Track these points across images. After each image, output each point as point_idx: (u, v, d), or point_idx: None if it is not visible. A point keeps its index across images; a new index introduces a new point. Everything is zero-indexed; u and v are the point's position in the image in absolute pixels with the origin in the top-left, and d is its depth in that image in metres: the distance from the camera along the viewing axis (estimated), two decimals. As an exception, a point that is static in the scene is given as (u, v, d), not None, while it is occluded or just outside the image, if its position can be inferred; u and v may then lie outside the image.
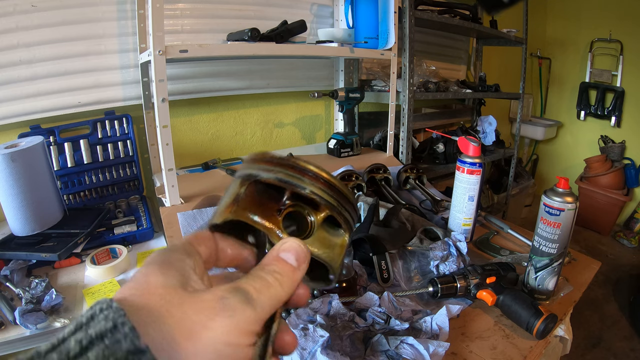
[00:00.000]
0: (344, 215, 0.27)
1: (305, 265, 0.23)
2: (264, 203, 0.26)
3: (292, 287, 0.22)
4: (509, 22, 1.96)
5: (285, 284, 0.21)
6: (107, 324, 0.14)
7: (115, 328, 0.14)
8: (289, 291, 0.22)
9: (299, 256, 0.23)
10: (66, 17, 0.94)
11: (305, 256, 0.23)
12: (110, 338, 0.14)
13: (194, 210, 0.85)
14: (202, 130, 1.25)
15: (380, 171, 1.11)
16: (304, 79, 1.38)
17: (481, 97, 1.77)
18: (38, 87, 0.94)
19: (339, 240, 0.27)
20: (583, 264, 0.83)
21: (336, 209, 0.26)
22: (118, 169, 1.05)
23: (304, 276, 0.24)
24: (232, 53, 1.00)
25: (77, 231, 0.81)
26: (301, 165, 0.25)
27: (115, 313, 0.15)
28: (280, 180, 0.25)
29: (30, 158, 0.78)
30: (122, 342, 0.14)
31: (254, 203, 0.26)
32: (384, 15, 1.22)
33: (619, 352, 1.53)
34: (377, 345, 0.55)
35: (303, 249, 0.23)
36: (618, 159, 2.51)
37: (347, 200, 0.27)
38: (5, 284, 0.69)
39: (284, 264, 0.22)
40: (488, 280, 0.67)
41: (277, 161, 0.26)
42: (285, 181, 0.25)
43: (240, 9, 1.16)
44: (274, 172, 0.25)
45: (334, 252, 0.27)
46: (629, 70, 2.47)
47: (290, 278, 0.22)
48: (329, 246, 0.27)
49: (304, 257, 0.23)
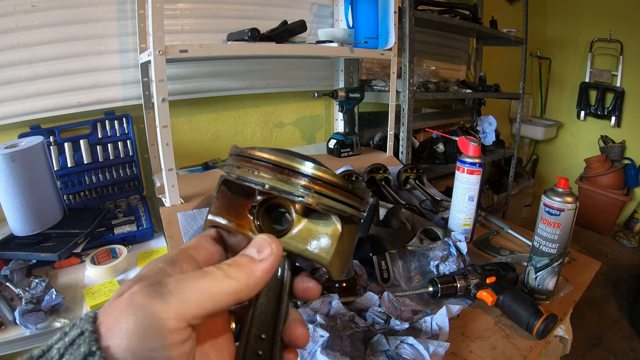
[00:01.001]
0: (322, 202, 0.22)
1: (272, 258, 0.22)
2: (235, 203, 0.25)
3: (247, 279, 0.20)
4: (509, 22, 1.96)
5: (235, 276, 0.20)
6: (76, 331, 0.17)
7: (81, 334, 0.17)
8: (243, 282, 0.20)
9: (262, 249, 0.22)
10: (66, 17, 0.94)
11: (272, 248, 0.22)
12: (77, 341, 0.16)
13: (194, 210, 0.85)
14: (202, 130, 1.25)
15: (380, 171, 1.11)
16: (304, 79, 1.38)
17: (481, 97, 1.77)
18: (38, 87, 0.94)
19: (329, 230, 0.24)
20: (583, 264, 0.83)
21: (304, 201, 0.22)
22: (118, 169, 1.05)
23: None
24: (232, 53, 1.00)
25: (77, 231, 0.81)
26: (253, 155, 0.23)
27: (85, 322, 0.17)
28: (241, 180, 0.23)
29: (30, 158, 0.78)
30: (82, 345, 0.16)
31: (225, 205, 0.25)
32: (384, 15, 1.22)
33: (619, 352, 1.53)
34: (377, 345, 0.55)
35: (269, 241, 0.22)
36: (618, 159, 2.51)
37: (325, 184, 0.23)
38: (5, 284, 0.69)
39: (242, 257, 0.22)
40: (488, 280, 0.67)
41: (239, 154, 0.24)
42: (240, 177, 0.23)
43: (240, 9, 1.16)
44: (235, 170, 0.23)
45: (321, 242, 0.24)
46: (629, 70, 2.47)
47: (245, 270, 0.21)
48: (314, 236, 0.24)
49: (270, 250, 0.22)
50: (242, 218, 0.25)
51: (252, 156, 0.23)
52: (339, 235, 0.24)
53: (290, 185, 0.22)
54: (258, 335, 0.22)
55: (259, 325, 0.23)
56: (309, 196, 0.22)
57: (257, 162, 0.23)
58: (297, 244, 0.24)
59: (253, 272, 0.21)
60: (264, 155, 0.23)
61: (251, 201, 0.25)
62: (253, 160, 0.23)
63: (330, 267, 0.24)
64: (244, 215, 0.25)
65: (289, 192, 0.22)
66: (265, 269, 0.21)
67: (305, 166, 0.22)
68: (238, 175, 0.23)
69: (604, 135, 2.61)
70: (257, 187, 0.23)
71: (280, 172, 0.22)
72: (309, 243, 0.24)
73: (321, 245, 0.24)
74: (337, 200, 0.23)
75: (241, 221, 0.25)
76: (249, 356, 0.22)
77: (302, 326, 0.23)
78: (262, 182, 0.22)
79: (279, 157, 0.22)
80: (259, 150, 0.23)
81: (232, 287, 0.20)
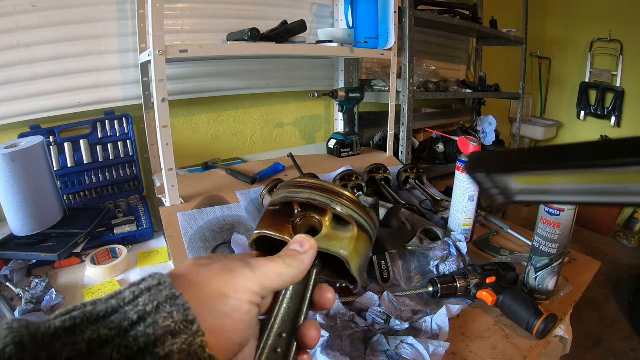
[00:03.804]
0: (345, 211, 0.32)
1: (312, 251, 0.29)
2: (278, 219, 0.34)
3: (299, 266, 0.27)
4: (509, 22, 1.96)
5: (291, 264, 0.27)
6: (153, 281, 0.20)
7: (159, 284, 0.20)
8: (296, 269, 0.27)
9: (303, 244, 0.29)
10: (66, 17, 0.94)
11: (310, 244, 0.29)
12: (155, 289, 0.20)
13: (194, 210, 0.85)
14: (202, 130, 1.25)
15: (380, 171, 1.11)
16: (304, 79, 1.37)
17: (481, 97, 1.77)
18: (38, 87, 0.94)
19: (349, 234, 0.32)
20: (583, 264, 0.83)
21: (330, 205, 0.32)
22: (118, 169, 1.05)
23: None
24: (232, 53, 1.00)
25: (77, 231, 0.80)
26: (297, 182, 0.33)
27: (161, 276, 0.21)
28: (284, 197, 0.33)
29: (30, 158, 0.78)
30: (163, 291, 0.19)
31: (270, 222, 0.33)
32: (384, 15, 1.22)
33: (619, 352, 1.53)
34: (377, 345, 0.55)
35: (308, 238, 0.29)
36: (618, 159, 2.51)
37: (344, 198, 0.32)
38: (5, 284, 0.69)
39: (290, 250, 0.28)
40: (488, 280, 0.67)
41: (282, 185, 0.35)
42: (287, 197, 0.33)
43: (240, 9, 1.16)
44: (278, 193, 0.34)
45: (343, 243, 0.31)
46: (629, 70, 2.47)
47: (296, 259, 0.27)
48: (338, 239, 0.32)
49: (309, 245, 0.29)
50: (284, 229, 0.33)
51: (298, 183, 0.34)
52: (356, 237, 0.32)
53: (327, 199, 0.32)
54: (279, 333, 0.26)
55: (281, 323, 0.27)
56: (338, 205, 0.32)
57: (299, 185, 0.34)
58: (325, 243, 0.31)
59: (303, 261, 0.28)
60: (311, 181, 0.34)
61: (290, 218, 0.34)
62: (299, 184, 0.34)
63: (350, 260, 0.31)
64: (285, 227, 0.33)
65: (326, 202, 0.32)
66: (310, 258, 0.28)
67: (335, 187, 0.33)
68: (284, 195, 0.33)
69: (604, 135, 2.61)
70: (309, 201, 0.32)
71: (322, 190, 0.33)
72: (333, 242, 0.32)
73: (342, 244, 0.32)
74: (355, 211, 0.32)
75: (283, 231, 0.33)
76: (269, 351, 0.26)
77: (315, 328, 0.27)
78: (312, 197, 0.32)
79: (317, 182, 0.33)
80: (299, 178, 0.35)
81: (292, 272, 0.26)
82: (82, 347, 0.16)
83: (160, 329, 0.18)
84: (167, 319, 0.18)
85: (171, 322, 0.18)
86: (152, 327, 0.18)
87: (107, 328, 0.17)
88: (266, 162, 1.15)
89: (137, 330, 0.18)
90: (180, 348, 0.18)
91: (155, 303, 0.19)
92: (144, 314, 0.18)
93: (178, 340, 0.18)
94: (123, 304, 0.19)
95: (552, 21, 2.77)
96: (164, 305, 0.19)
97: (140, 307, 0.18)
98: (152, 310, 0.18)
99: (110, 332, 0.17)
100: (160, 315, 0.18)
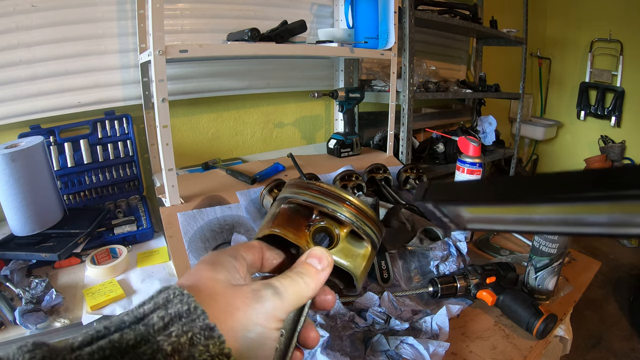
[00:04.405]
0: (363, 229, 0.31)
1: (329, 269, 0.28)
2: (295, 220, 0.32)
3: (316, 286, 0.27)
4: (509, 22, 1.96)
5: (309, 283, 0.26)
6: (182, 307, 0.19)
7: (189, 311, 0.19)
8: (313, 289, 0.26)
9: (322, 261, 0.28)
10: (66, 17, 0.94)
11: (328, 261, 0.28)
12: (186, 317, 0.19)
13: (194, 210, 0.85)
14: (202, 130, 1.25)
15: (380, 171, 1.11)
16: (304, 79, 1.37)
17: (481, 97, 1.77)
18: (38, 87, 0.94)
19: (362, 252, 0.32)
20: (583, 264, 0.83)
21: (355, 223, 0.31)
22: (118, 169, 1.05)
23: (334, 282, 0.32)
24: (232, 53, 1.00)
25: (77, 231, 0.80)
26: (325, 189, 0.32)
27: (188, 298, 0.20)
28: (308, 202, 0.32)
29: (30, 158, 0.78)
30: (197, 320, 0.19)
31: (286, 220, 0.32)
32: (384, 15, 1.22)
33: (619, 352, 1.53)
34: (377, 345, 0.55)
35: (326, 255, 0.28)
36: (618, 159, 2.51)
37: (366, 216, 0.32)
38: (5, 284, 0.69)
39: (309, 267, 0.27)
40: (488, 280, 0.67)
41: (305, 185, 0.32)
42: (312, 202, 0.32)
43: (240, 9, 1.16)
44: (302, 194, 0.32)
45: (356, 261, 0.31)
46: (629, 70, 2.47)
47: (314, 278, 0.27)
48: (352, 256, 0.32)
49: (327, 262, 0.28)
50: (300, 234, 0.32)
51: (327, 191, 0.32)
52: (368, 256, 0.32)
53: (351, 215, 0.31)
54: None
55: (284, 323, 0.27)
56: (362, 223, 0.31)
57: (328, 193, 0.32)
58: (340, 257, 0.31)
59: (319, 279, 0.27)
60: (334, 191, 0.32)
61: (307, 220, 0.32)
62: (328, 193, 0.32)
63: (358, 279, 0.31)
64: (301, 232, 0.32)
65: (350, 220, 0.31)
66: (326, 275, 0.28)
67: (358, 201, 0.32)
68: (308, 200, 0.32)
69: (604, 135, 2.61)
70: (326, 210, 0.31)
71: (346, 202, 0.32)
72: (347, 258, 0.31)
73: (356, 262, 0.32)
74: (372, 229, 0.32)
75: (299, 235, 0.31)
76: None
77: (315, 330, 0.28)
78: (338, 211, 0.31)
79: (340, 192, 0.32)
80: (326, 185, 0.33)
81: (310, 291, 0.26)
82: None
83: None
84: (203, 352, 0.18)
85: (207, 357, 0.18)
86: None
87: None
88: (266, 162, 1.15)
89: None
90: None
91: (189, 335, 0.18)
92: (178, 345, 0.18)
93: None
94: (153, 331, 0.18)
95: (552, 21, 2.77)
96: (197, 337, 0.18)
97: (174, 339, 0.18)
98: (186, 342, 0.18)
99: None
100: (197, 348, 0.18)
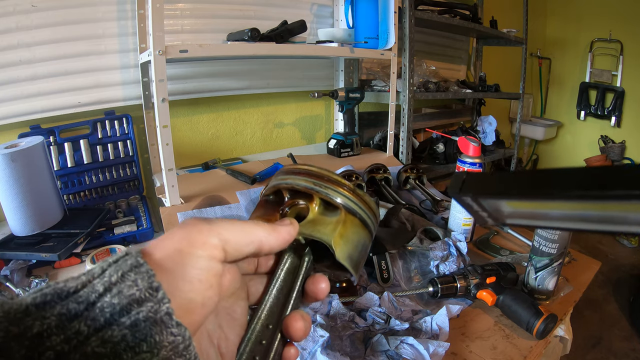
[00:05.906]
0: (325, 192, 0.30)
1: (291, 227, 0.27)
2: (269, 209, 0.32)
3: (270, 231, 0.25)
4: (509, 22, 1.96)
5: (262, 226, 0.25)
6: (121, 254, 0.20)
7: (126, 255, 0.20)
8: (265, 230, 0.25)
9: (283, 221, 0.27)
10: (66, 17, 0.94)
11: (290, 219, 0.28)
12: (121, 260, 0.19)
13: (194, 210, 0.85)
14: (202, 130, 1.25)
15: (380, 171, 1.11)
16: (304, 79, 1.38)
17: (481, 97, 1.77)
18: (38, 87, 0.94)
19: (334, 219, 0.30)
20: (583, 264, 0.83)
21: (314, 188, 0.30)
22: (118, 169, 1.05)
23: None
24: (232, 53, 1.00)
25: (77, 231, 0.80)
26: (286, 169, 0.32)
27: (130, 249, 0.20)
28: (273, 186, 0.32)
29: (30, 158, 0.78)
30: (128, 260, 0.19)
31: (261, 211, 0.32)
32: (384, 15, 1.22)
33: (619, 352, 1.53)
34: (377, 345, 0.55)
35: (288, 218, 0.28)
36: (618, 159, 2.51)
37: (329, 180, 0.30)
38: (5, 284, 0.69)
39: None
40: (488, 280, 0.67)
41: (276, 174, 0.33)
42: (275, 184, 0.31)
43: (240, 9, 1.16)
44: (270, 182, 0.32)
45: (328, 228, 0.29)
46: (629, 70, 2.47)
47: (271, 225, 0.26)
48: (324, 224, 0.30)
49: (289, 221, 0.27)
50: (272, 219, 0.31)
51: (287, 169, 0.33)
52: (342, 221, 0.29)
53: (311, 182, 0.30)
54: (266, 325, 0.25)
55: (269, 314, 0.26)
56: (323, 188, 0.30)
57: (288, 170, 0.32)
58: (309, 229, 0.29)
59: (276, 229, 0.26)
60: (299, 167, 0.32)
61: (280, 207, 0.32)
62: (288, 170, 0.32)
63: (334, 244, 0.28)
64: (273, 217, 0.31)
65: (309, 186, 0.30)
66: (287, 231, 0.26)
67: (324, 171, 0.31)
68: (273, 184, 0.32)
69: (604, 135, 2.61)
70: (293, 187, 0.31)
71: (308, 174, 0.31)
72: (318, 227, 0.29)
73: (327, 228, 0.29)
74: (342, 193, 0.30)
75: (271, 220, 0.30)
76: (253, 342, 0.24)
77: (302, 319, 0.25)
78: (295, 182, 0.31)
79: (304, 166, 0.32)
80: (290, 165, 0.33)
81: (260, 231, 0.24)
82: (51, 321, 0.16)
83: (125, 298, 0.18)
84: (131, 287, 0.18)
85: (136, 290, 0.18)
86: (117, 297, 0.18)
87: (76, 302, 0.17)
88: (266, 162, 1.15)
89: (104, 301, 0.17)
90: (146, 316, 0.17)
91: (120, 273, 0.18)
92: (110, 284, 0.18)
93: (144, 308, 0.18)
94: (92, 278, 0.18)
95: (552, 21, 2.77)
96: (128, 274, 0.18)
97: (106, 279, 0.18)
98: (117, 280, 0.18)
99: (78, 306, 0.17)
100: (125, 284, 0.18)
